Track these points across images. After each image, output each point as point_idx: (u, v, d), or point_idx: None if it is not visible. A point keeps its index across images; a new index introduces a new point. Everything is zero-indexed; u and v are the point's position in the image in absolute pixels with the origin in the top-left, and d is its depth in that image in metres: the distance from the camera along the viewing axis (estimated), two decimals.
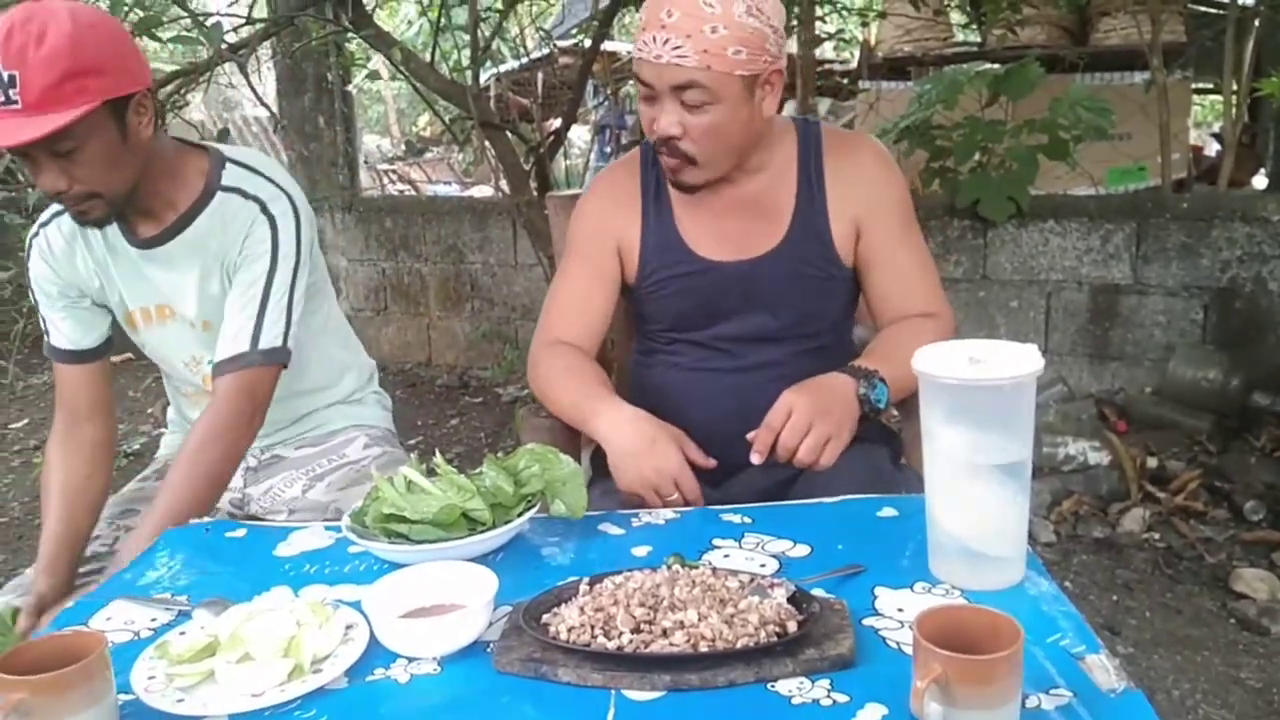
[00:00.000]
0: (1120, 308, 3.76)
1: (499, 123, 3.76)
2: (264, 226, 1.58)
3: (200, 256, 1.60)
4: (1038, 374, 1.07)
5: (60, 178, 1.40)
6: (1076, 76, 4.82)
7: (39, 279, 1.63)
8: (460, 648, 1.02)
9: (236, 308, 1.57)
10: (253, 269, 1.57)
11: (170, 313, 1.64)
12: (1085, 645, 0.98)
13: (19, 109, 1.32)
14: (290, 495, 1.73)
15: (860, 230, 1.59)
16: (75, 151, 1.38)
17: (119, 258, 1.62)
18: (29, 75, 1.32)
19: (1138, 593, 2.71)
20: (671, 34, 1.38)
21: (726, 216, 1.59)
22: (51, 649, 0.94)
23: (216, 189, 1.59)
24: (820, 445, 1.38)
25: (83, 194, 1.43)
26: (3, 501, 3.72)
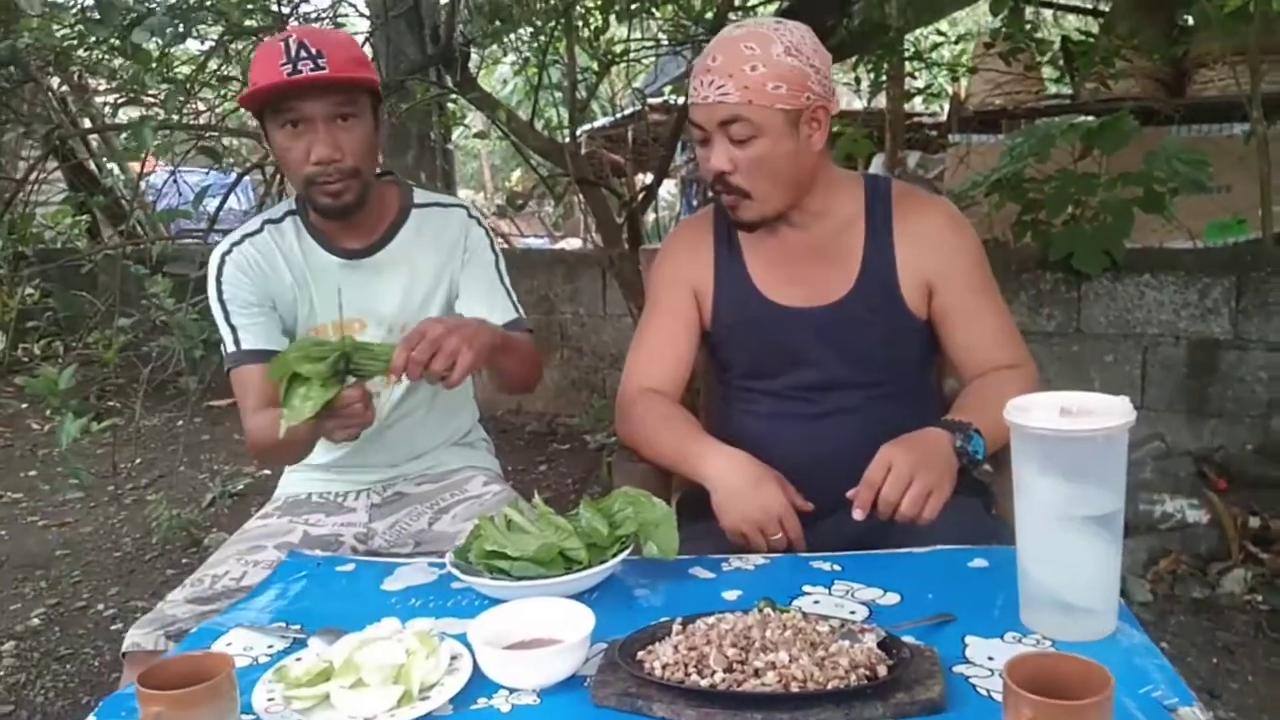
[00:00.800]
0: (1219, 363, 3.67)
1: (593, 179, 3.87)
2: (477, 227, 1.83)
3: (408, 266, 1.78)
4: (1130, 425, 1.08)
5: (335, 148, 1.61)
6: (1172, 129, 4.75)
7: (235, 287, 1.73)
8: (559, 680, 1.07)
9: (484, 291, 1.80)
10: (483, 259, 1.82)
11: (361, 326, 1.76)
12: (1178, 698, 0.98)
13: (326, 72, 1.56)
14: (417, 528, 1.79)
15: (933, 289, 1.61)
16: (352, 121, 1.62)
17: (318, 273, 1.76)
18: (332, 50, 1.58)
19: (1239, 656, 2.62)
20: (716, 76, 1.48)
21: (796, 263, 1.64)
22: (183, 669, 1.01)
23: (411, 207, 1.81)
24: (922, 499, 1.39)
25: (349, 169, 1.63)
26: (116, 537, 3.89)
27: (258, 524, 1.79)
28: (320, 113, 1.59)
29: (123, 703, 1.08)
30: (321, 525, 1.78)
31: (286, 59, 1.56)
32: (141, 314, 3.04)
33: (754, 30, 1.50)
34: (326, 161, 1.61)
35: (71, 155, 5.23)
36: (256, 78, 1.59)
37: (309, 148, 1.61)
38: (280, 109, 1.60)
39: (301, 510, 1.82)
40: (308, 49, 1.56)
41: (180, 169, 3.80)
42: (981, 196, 4.00)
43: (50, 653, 2.98)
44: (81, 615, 3.24)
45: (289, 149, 1.63)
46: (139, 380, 3.11)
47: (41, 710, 2.67)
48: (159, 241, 3.22)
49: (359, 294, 1.76)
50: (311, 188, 1.65)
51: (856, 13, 3.83)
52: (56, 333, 3.48)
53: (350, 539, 1.76)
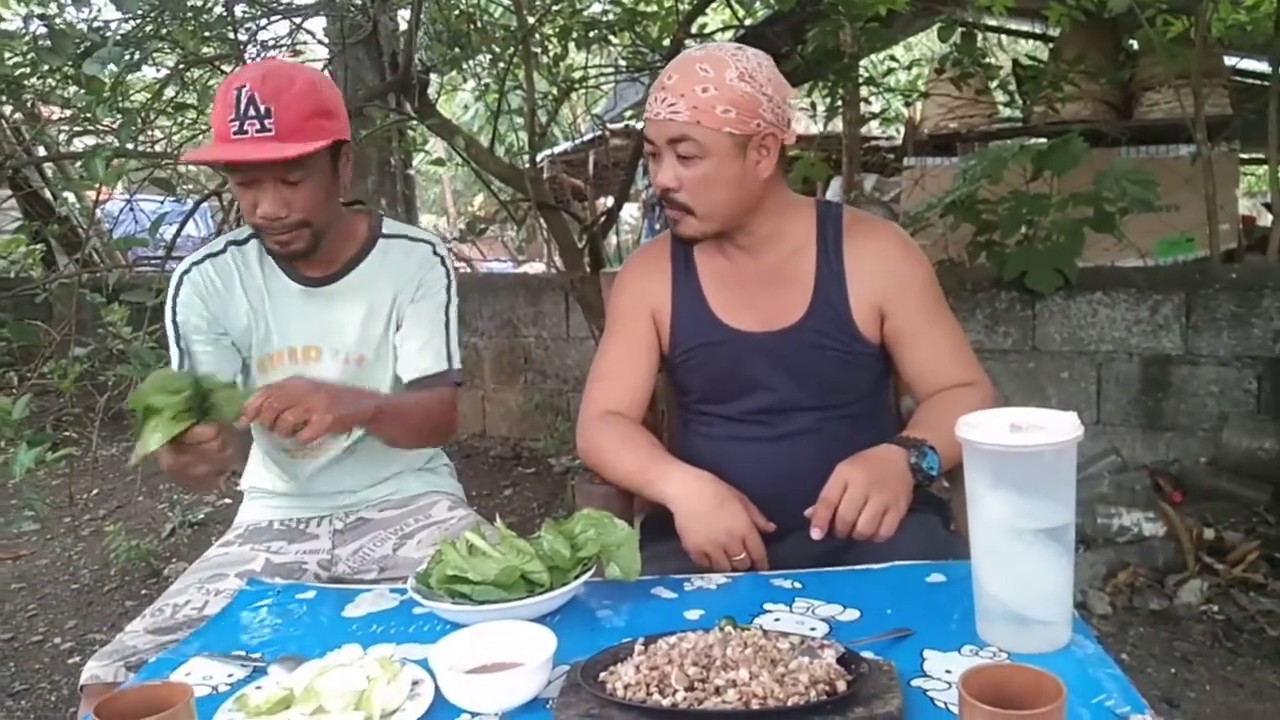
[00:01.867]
0: (1172, 378, 3.75)
1: (554, 203, 3.89)
2: (439, 266, 1.81)
3: (367, 295, 1.77)
4: (1078, 440, 1.11)
5: (282, 206, 1.58)
6: (1121, 150, 4.87)
7: (188, 310, 1.72)
8: (521, 703, 1.07)
9: (424, 335, 1.77)
10: (434, 299, 1.79)
11: (317, 354, 1.76)
12: (1130, 706, 1.00)
13: (272, 135, 1.52)
14: (381, 554, 1.79)
15: (885, 314, 1.64)
16: (301, 182, 1.58)
17: (277, 299, 1.75)
18: (282, 108, 1.52)
19: (1196, 665, 2.66)
20: (669, 94, 1.51)
21: (749, 287, 1.66)
22: (140, 699, 1.00)
23: (379, 237, 1.80)
24: (878, 516, 1.41)
25: (296, 222, 1.60)
26: (74, 569, 3.83)
27: (219, 552, 1.78)
28: (266, 175, 1.57)
29: None
30: (284, 553, 1.77)
31: (235, 115, 1.52)
32: (98, 343, 3.01)
33: (713, 53, 1.52)
34: (273, 218, 1.60)
35: (25, 184, 5.16)
36: (213, 122, 1.56)
37: (255, 201, 1.59)
38: (228, 166, 1.59)
39: (263, 538, 1.81)
40: (256, 107, 1.51)
41: (137, 197, 3.77)
42: (937, 218, 4.07)
43: (4, 688, 2.92)
44: (38, 649, 3.17)
45: (239, 195, 1.62)
46: (95, 410, 3.07)
47: None
48: (115, 269, 3.19)
49: (317, 322, 1.76)
50: (263, 235, 1.67)
51: (811, 39, 3.89)
52: (11, 363, 3.43)
53: (314, 566, 1.76)
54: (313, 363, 1.76)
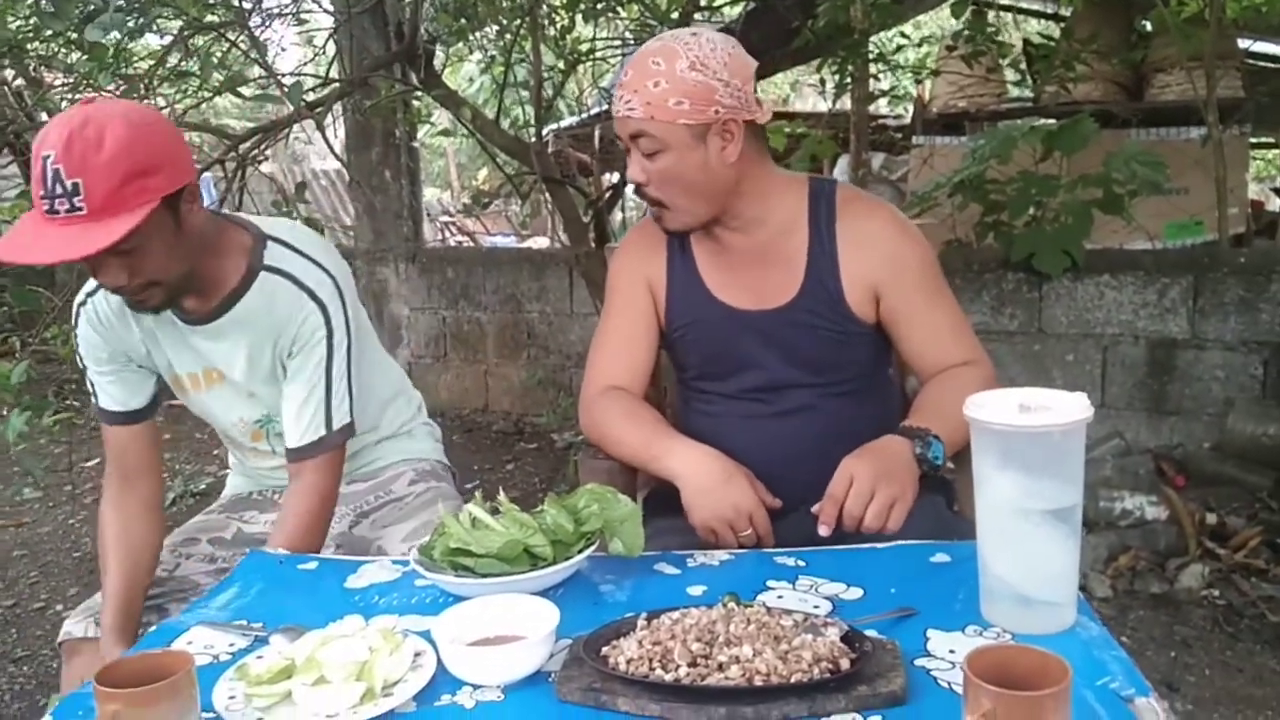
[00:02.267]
0: (1178, 362, 3.73)
1: (560, 178, 3.87)
2: (316, 314, 1.61)
3: (249, 332, 1.64)
4: (1088, 420, 1.10)
5: (121, 273, 1.43)
6: (1131, 132, 4.83)
7: (88, 344, 1.66)
8: (523, 676, 1.07)
9: (302, 396, 1.62)
10: (311, 356, 1.62)
11: (219, 376, 1.69)
12: (1135, 689, 0.99)
13: (84, 215, 1.34)
14: (338, 531, 1.79)
15: (880, 294, 1.61)
16: (137, 249, 1.41)
17: (166, 329, 1.65)
18: (92, 181, 1.34)
19: (1196, 650, 2.67)
20: (625, 90, 1.50)
21: (743, 266, 1.64)
22: (142, 666, 1.00)
23: (260, 268, 1.61)
24: (885, 510, 1.40)
25: (142, 285, 1.46)
26: (75, 537, 3.84)
27: (199, 519, 1.84)
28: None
29: (80, 702, 1.06)
30: (254, 523, 1.81)
31: (44, 191, 1.35)
32: None
33: (665, 45, 1.49)
34: (114, 288, 1.47)
35: (26, 149, 5.15)
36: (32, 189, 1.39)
37: (94, 270, 1.46)
38: None
39: (240, 507, 1.86)
40: (63, 183, 1.33)
41: None
42: (944, 197, 4.05)
43: (7, 654, 2.94)
44: (39, 616, 3.19)
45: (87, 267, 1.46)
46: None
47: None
48: None
49: (207, 350, 1.67)
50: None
51: (821, 15, 3.85)
52: (12, 329, 3.42)
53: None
54: (216, 384, 1.70)
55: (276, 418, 1.72)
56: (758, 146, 1.58)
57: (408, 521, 1.80)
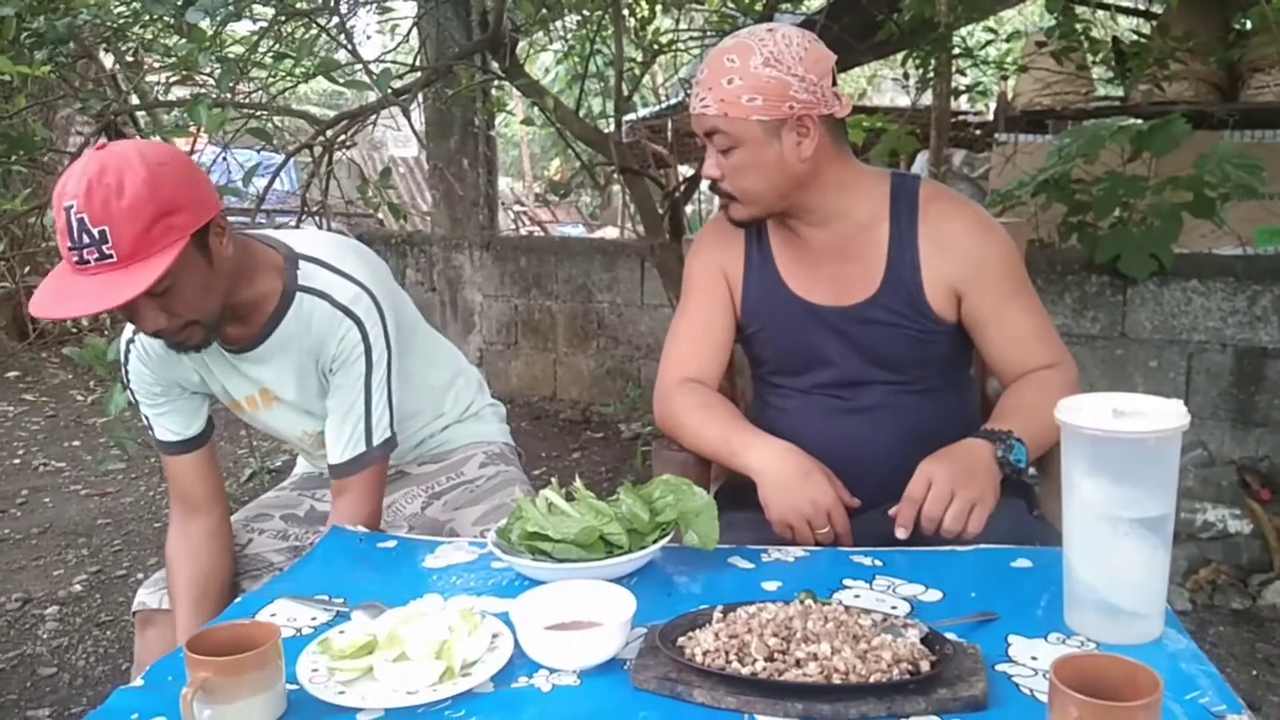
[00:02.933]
0: (1267, 372, 3.61)
1: (637, 168, 3.87)
2: (353, 331, 1.59)
3: (292, 354, 1.63)
4: (1183, 428, 1.07)
5: (160, 317, 1.42)
6: (1225, 133, 4.68)
7: (140, 380, 1.66)
8: (599, 663, 1.07)
9: (342, 414, 1.62)
10: (350, 373, 1.61)
11: (274, 396, 1.69)
12: (1226, 705, 0.97)
13: (115, 262, 1.32)
14: (410, 511, 1.82)
15: (962, 295, 1.59)
16: (171, 290, 1.39)
17: (214, 358, 1.65)
18: (118, 228, 1.31)
19: (1279, 669, 2.59)
20: (701, 88, 1.51)
21: (822, 262, 1.63)
22: (230, 636, 1.03)
23: (295, 289, 1.59)
24: (965, 513, 1.37)
25: (180, 325, 1.45)
26: (156, 508, 3.96)
27: (272, 495, 1.88)
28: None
29: (170, 667, 1.10)
30: (326, 501, 1.82)
31: (72, 241, 1.32)
32: None
33: (741, 42, 1.49)
34: (154, 332, 1.45)
35: (122, 132, 5.31)
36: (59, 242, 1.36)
37: (131, 317, 1.45)
38: None
39: (312, 485, 1.89)
40: (90, 233, 1.31)
41: (229, 148, 3.84)
42: (1028, 196, 3.96)
43: (91, 618, 3.04)
44: (122, 583, 3.29)
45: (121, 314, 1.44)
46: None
47: (83, 674, 2.72)
48: None
49: (257, 376, 1.67)
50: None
51: (906, 8, 3.80)
52: None
53: None
54: (275, 403, 1.70)
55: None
56: (836, 140, 1.56)
57: (479, 505, 1.82)
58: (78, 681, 2.69)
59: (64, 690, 2.64)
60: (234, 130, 3.12)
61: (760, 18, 3.74)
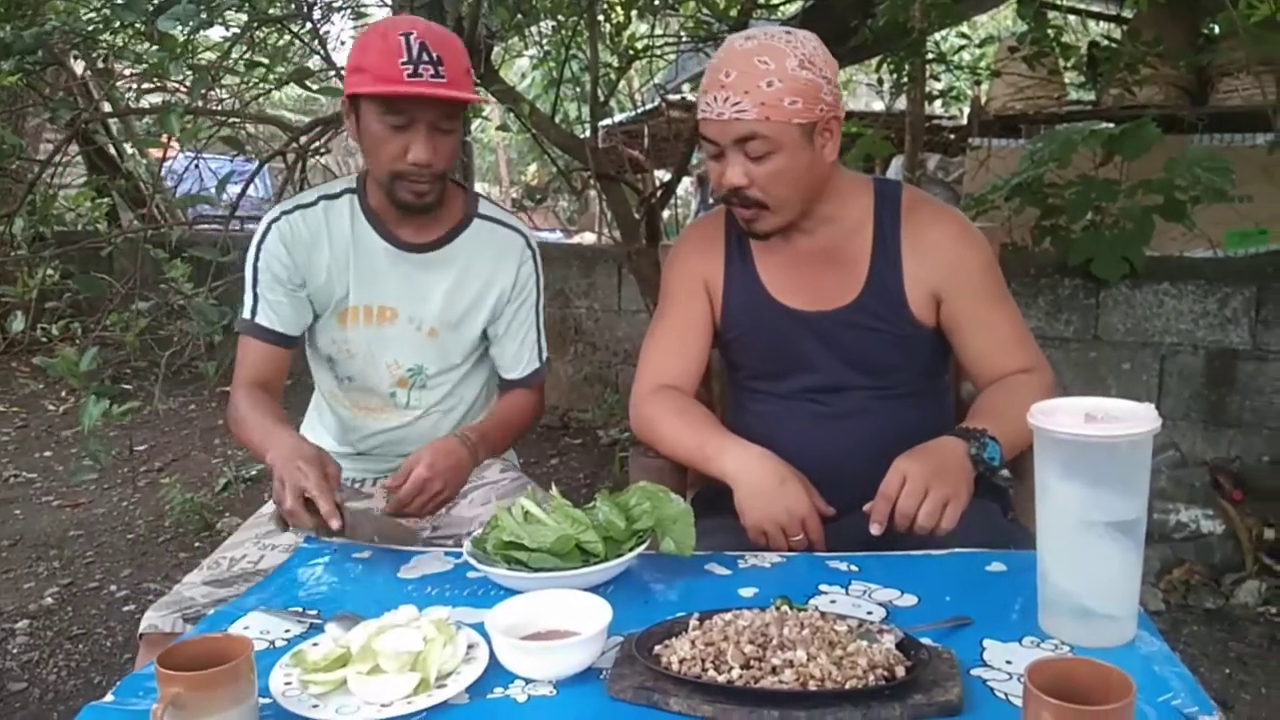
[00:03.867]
0: (1238, 373, 3.65)
1: (614, 174, 3.87)
2: (530, 262, 1.85)
3: (456, 272, 1.78)
4: (1155, 432, 1.08)
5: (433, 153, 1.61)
6: (1195, 137, 4.73)
7: (272, 258, 1.73)
8: (575, 672, 1.07)
9: (521, 335, 1.87)
10: (528, 300, 1.86)
11: (393, 315, 1.77)
12: (1199, 707, 0.97)
13: (445, 83, 1.56)
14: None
15: (941, 300, 1.60)
16: (452, 132, 1.63)
17: (362, 256, 1.75)
18: (451, 60, 1.57)
19: (1252, 667, 2.61)
20: (730, 92, 1.46)
21: (804, 267, 1.63)
22: (201, 650, 1.01)
23: (475, 215, 1.81)
24: (938, 509, 1.38)
25: (439, 172, 1.65)
26: (130, 519, 3.91)
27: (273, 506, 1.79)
28: (427, 120, 1.59)
29: (141, 682, 1.08)
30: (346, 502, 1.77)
31: (408, 58, 1.54)
32: (160, 298, 3.06)
33: (766, 43, 1.47)
34: (423, 165, 1.61)
35: (93, 139, 5.26)
36: (370, 63, 1.57)
37: (407, 147, 1.60)
38: (389, 106, 1.58)
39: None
40: (429, 53, 1.55)
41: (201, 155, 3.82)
42: (1001, 200, 3.99)
43: (63, 632, 3.00)
44: (94, 596, 3.25)
45: (384, 141, 1.61)
46: (157, 364, 3.13)
47: (54, 688, 2.69)
48: (178, 226, 3.23)
49: (401, 286, 1.76)
50: (397, 182, 1.65)
51: (879, 13, 3.82)
52: (75, 314, 3.50)
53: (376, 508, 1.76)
54: (387, 323, 1.77)
55: (430, 369, 1.82)
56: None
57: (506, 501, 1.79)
58: (48, 697, 2.65)
59: (34, 706, 2.61)
60: (206, 138, 3.09)
61: (734, 24, 3.75)
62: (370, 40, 1.60)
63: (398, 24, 1.59)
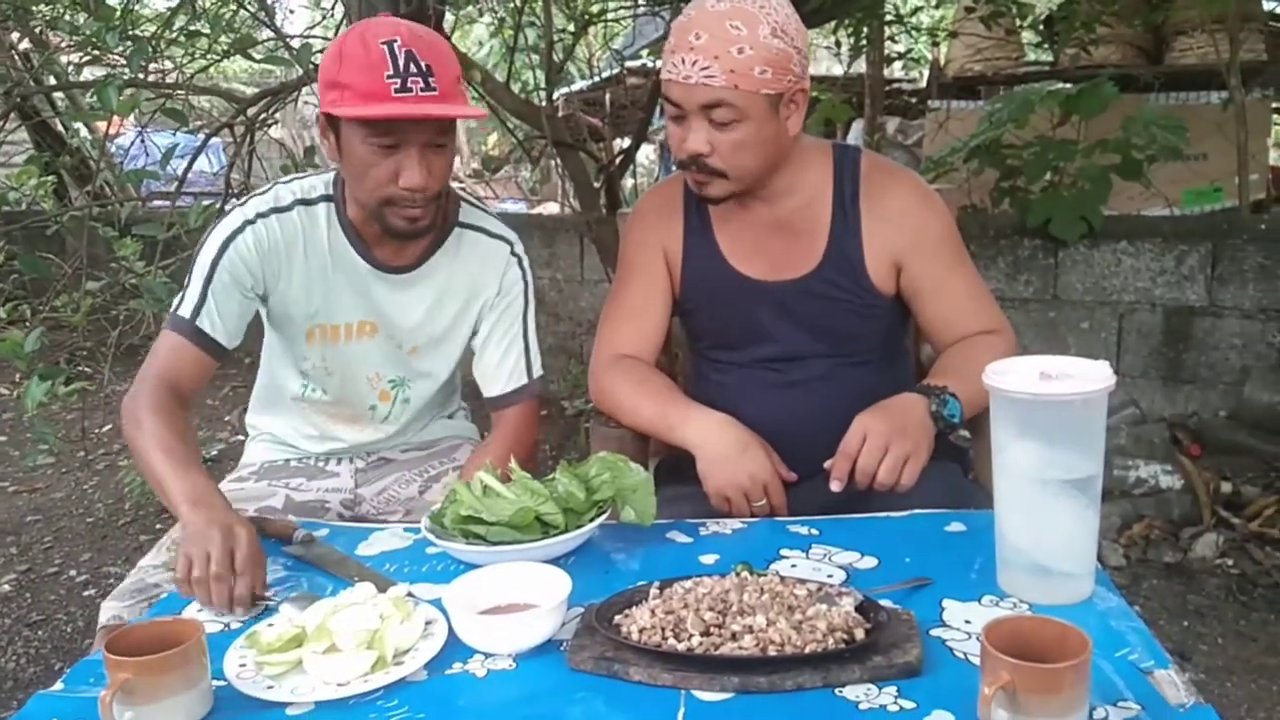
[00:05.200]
0: (1194, 330, 3.70)
1: (572, 142, 3.83)
2: (515, 268, 1.71)
3: (436, 287, 1.66)
4: (1109, 390, 1.08)
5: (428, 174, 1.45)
6: (1151, 96, 4.76)
7: (239, 261, 1.56)
8: (535, 645, 1.06)
9: (504, 347, 1.72)
10: (512, 309, 1.71)
11: (374, 329, 1.66)
12: (1154, 660, 0.98)
13: (436, 95, 1.41)
14: (407, 495, 1.77)
15: (901, 266, 1.59)
16: (446, 147, 1.49)
17: (341, 273, 1.61)
18: (441, 69, 1.42)
19: (1210, 619, 2.66)
20: (700, 55, 1.41)
21: (764, 236, 1.61)
22: (152, 634, 1.00)
23: (455, 224, 1.67)
24: (899, 466, 1.38)
25: (433, 195, 1.49)
26: (89, 503, 3.86)
27: (233, 487, 1.73)
28: (420, 139, 1.43)
29: (92, 669, 1.06)
30: (305, 490, 1.73)
31: (394, 70, 1.38)
32: (110, 277, 2.99)
33: (739, 7, 1.41)
34: (416, 189, 1.46)
35: (35, 113, 5.12)
36: (350, 78, 1.40)
37: (397, 170, 1.45)
38: (376, 127, 1.42)
39: (280, 475, 1.77)
40: (417, 63, 1.39)
41: (149, 129, 3.73)
42: (960, 162, 4.00)
43: (22, 619, 2.96)
44: (54, 581, 3.21)
45: (370, 165, 1.45)
46: (108, 344, 3.06)
47: (13, 676, 2.65)
48: (127, 203, 3.16)
49: (379, 303, 1.65)
50: (387, 208, 1.49)
51: None
52: (23, 296, 3.42)
53: (336, 505, 1.73)
54: (365, 338, 1.66)
55: (411, 383, 1.74)
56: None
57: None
58: (7, 684, 2.61)
59: None
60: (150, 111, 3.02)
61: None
62: (348, 49, 1.41)
63: (378, 29, 1.42)
